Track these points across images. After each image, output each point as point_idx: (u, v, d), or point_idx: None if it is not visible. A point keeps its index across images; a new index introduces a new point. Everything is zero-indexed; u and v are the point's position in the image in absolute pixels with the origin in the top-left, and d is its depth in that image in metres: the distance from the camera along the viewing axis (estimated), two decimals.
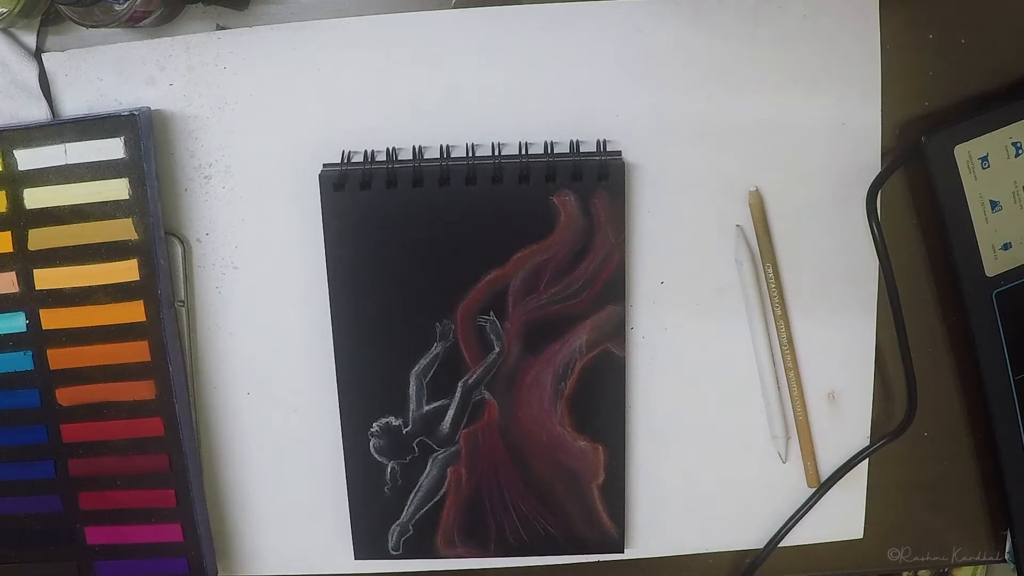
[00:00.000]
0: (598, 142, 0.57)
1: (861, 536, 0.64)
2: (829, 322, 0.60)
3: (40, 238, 0.57)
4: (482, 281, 0.58)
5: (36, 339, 0.59)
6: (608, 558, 0.64)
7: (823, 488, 0.62)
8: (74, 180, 0.57)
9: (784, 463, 0.62)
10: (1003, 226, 0.57)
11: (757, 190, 0.58)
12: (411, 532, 0.62)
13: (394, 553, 0.62)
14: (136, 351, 0.58)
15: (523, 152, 0.57)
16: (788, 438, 0.61)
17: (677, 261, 0.60)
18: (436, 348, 0.59)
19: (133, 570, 0.62)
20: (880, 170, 0.58)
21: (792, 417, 0.61)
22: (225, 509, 0.64)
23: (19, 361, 0.59)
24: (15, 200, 0.57)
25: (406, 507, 0.61)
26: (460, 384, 0.59)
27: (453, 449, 0.60)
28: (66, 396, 0.59)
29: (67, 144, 0.56)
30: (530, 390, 0.59)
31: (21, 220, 0.57)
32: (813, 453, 0.62)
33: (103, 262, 0.57)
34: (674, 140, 0.58)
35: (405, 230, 0.57)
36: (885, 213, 0.58)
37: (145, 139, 0.56)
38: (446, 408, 0.60)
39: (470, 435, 0.60)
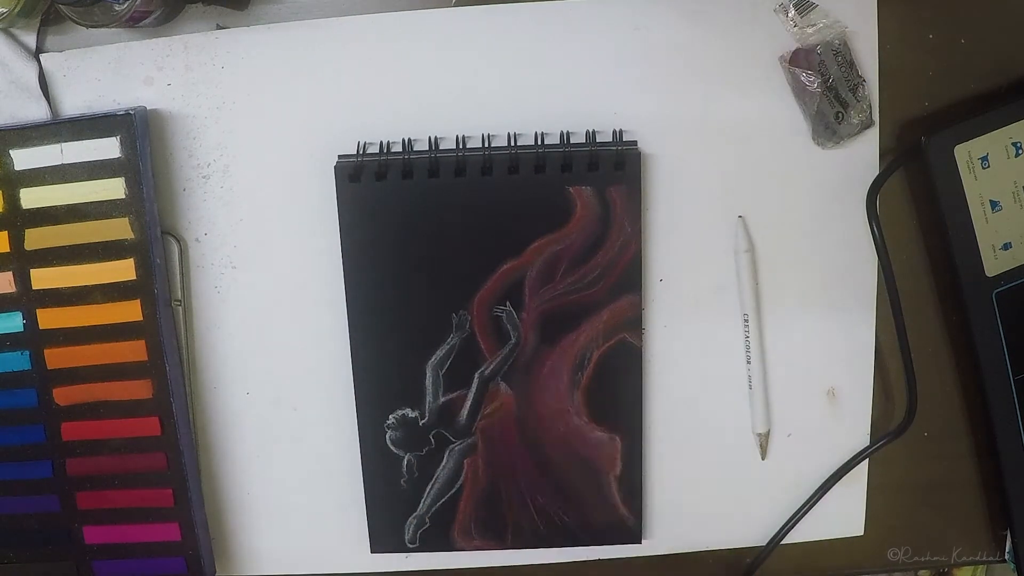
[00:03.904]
0: (614, 132, 0.57)
1: (862, 532, 0.64)
2: (829, 322, 0.60)
3: (37, 238, 0.58)
4: (498, 271, 0.58)
5: (33, 339, 0.59)
6: (625, 550, 0.64)
7: (823, 488, 0.62)
8: (70, 180, 0.57)
9: (763, 460, 0.62)
10: (1003, 226, 0.57)
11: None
12: (428, 524, 0.62)
13: (411, 546, 0.62)
14: (133, 350, 0.58)
15: (539, 142, 0.57)
16: (769, 434, 0.62)
17: (675, 258, 0.60)
18: (452, 339, 0.59)
19: (131, 569, 0.62)
20: (880, 170, 0.58)
21: (778, 413, 0.62)
22: (224, 508, 0.64)
23: (16, 361, 0.59)
24: (12, 200, 0.57)
25: (423, 499, 0.61)
26: (477, 375, 0.59)
27: (470, 440, 0.60)
28: (63, 395, 0.59)
29: (63, 144, 0.56)
30: (547, 380, 0.59)
31: (18, 220, 0.57)
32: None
33: (100, 261, 0.57)
34: (672, 137, 0.58)
35: (421, 221, 0.57)
36: (885, 213, 0.58)
37: (141, 138, 0.56)
38: (463, 399, 0.60)
39: (487, 426, 0.60)
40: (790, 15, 0.55)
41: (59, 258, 0.58)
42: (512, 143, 0.57)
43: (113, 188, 0.57)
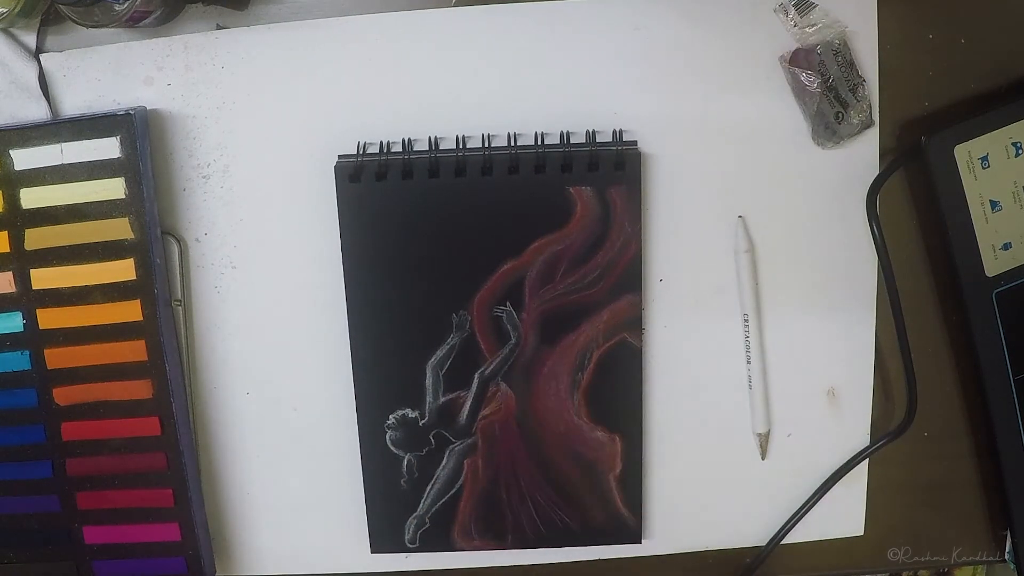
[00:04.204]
0: (614, 132, 0.57)
1: (862, 532, 0.64)
2: (829, 322, 0.60)
3: (37, 238, 0.57)
4: (498, 272, 0.58)
5: (33, 339, 0.59)
6: (625, 550, 0.64)
7: (823, 488, 0.62)
8: (70, 180, 0.57)
9: (763, 460, 0.62)
10: (1003, 226, 0.57)
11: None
12: (428, 525, 0.62)
13: (411, 546, 0.62)
14: (133, 350, 0.58)
15: (539, 142, 0.57)
16: (769, 434, 0.62)
17: (675, 258, 0.60)
18: (452, 339, 0.59)
19: (131, 569, 0.62)
20: (880, 170, 0.58)
21: (778, 413, 0.62)
22: (224, 508, 0.64)
23: (16, 361, 0.59)
24: (12, 200, 0.57)
25: (423, 499, 0.61)
26: (477, 375, 0.59)
27: (470, 441, 0.60)
28: (63, 395, 0.59)
29: (63, 144, 0.56)
30: (547, 381, 0.59)
31: (18, 220, 0.57)
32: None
33: (100, 261, 0.57)
34: (672, 137, 0.58)
35: (421, 221, 0.57)
36: (885, 213, 0.58)
37: (141, 138, 0.56)
38: (463, 399, 0.60)
39: (487, 426, 0.60)
40: (790, 15, 0.55)
41: (59, 258, 0.58)
42: (512, 143, 0.57)
43: (113, 188, 0.57)
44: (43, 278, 0.58)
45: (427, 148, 0.57)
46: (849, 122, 0.55)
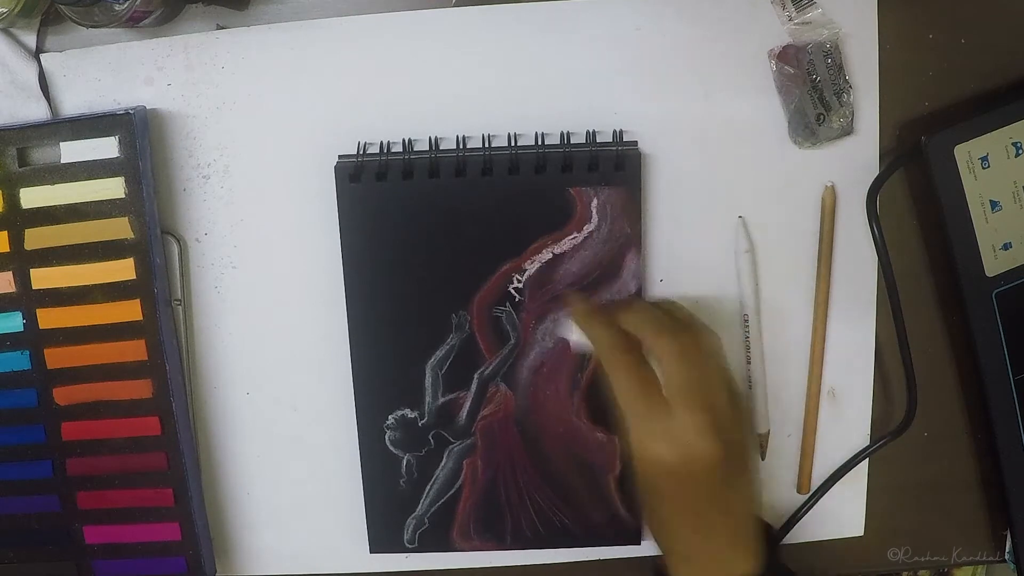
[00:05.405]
0: (614, 132, 0.57)
1: (862, 532, 0.64)
2: (829, 322, 0.60)
3: (37, 237, 0.57)
4: (498, 272, 0.58)
5: (33, 338, 0.59)
6: (625, 550, 0.63)
7: (823, 488, 0.62)
8: (70, 179, 0.57)
9: (763, 460, 0.62)
10: (1003, 226, 0.57)
11: (833, 186, 0.58)
12: (427, 525, 0.62)
13: (410, 546, 0.62)
14: (133, 350, 0.58)
15: (539, 143, 0.57)
16: (769, 434, 0.62)
17: (675, 258, 0.60)
18: (452, 340, 0.59)
19: (131, 569, 0.62)
20: (880, 170, 0.58)
21: (778, 413, 0.62)
22: (224, 508, 0.64)
23: (16, 361, 0.59)
24: (11, 200, 0.57)
25: (422, 500, 0.61)
26: (476, 376, 0.59)
27: (469, 441, 0.60)
28: (63, 395, 0.59)
29: (63, 143, 0.56)
30: (546, 381, 0.59)
31: (18, 220, 0.57)
32: (811, 460, 0.62)
33: (99, 261, 0.57)
34: (672, 137, 0.58)
35: (421, 221, 0.57)
36: (885, 213, 0.58)
37: (140, 138, 0.56)
38: (462, 400, 0.60)
39: (486, 427, 0.60)
40: (786, 8, 0.55)
41: (59, 258, 0.58)
42: (512, 143, 0.57)
43: (113, 187, 0.57)
44: (43, 278, 0.58)
45: (427, 148, 0.57)
46: (829, 126, 0.55)
